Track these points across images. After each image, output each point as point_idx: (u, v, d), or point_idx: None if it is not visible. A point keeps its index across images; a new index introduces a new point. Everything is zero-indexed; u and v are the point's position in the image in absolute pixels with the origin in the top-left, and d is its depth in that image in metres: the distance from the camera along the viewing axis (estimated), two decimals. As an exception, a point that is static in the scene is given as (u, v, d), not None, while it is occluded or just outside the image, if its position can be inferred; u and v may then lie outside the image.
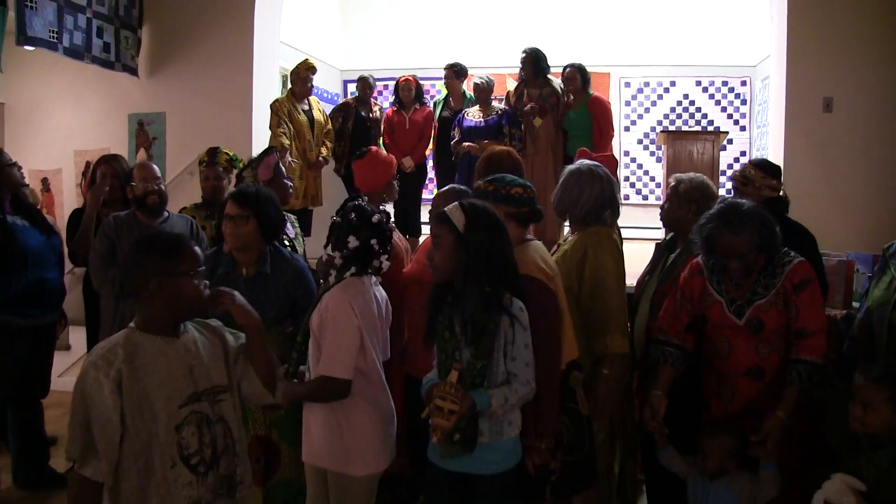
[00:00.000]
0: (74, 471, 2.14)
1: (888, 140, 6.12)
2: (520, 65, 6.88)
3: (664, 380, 2.99)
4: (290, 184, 4.24)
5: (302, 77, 6.74)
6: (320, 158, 6.83)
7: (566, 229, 3.74)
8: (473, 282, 2.52)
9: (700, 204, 3.38)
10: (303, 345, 2.88)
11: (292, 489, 3.31)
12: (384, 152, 4.27)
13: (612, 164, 4.11)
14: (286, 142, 6.42)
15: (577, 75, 6.73)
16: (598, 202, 3.32)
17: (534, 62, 6.80)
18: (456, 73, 7.20)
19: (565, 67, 6.82)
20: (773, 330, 2.80)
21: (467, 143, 6.60)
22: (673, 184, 3.56)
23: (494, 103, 6.87)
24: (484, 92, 6.83)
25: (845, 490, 2.34)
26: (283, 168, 4.26)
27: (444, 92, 7.44)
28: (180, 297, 2.21)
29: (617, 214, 3.47)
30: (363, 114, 7.35)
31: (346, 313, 2.76)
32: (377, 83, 7.89)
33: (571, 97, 6.80)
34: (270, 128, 6.62)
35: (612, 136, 6.84)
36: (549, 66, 6.89)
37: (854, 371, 2.59)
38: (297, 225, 4.29)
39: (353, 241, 2.83)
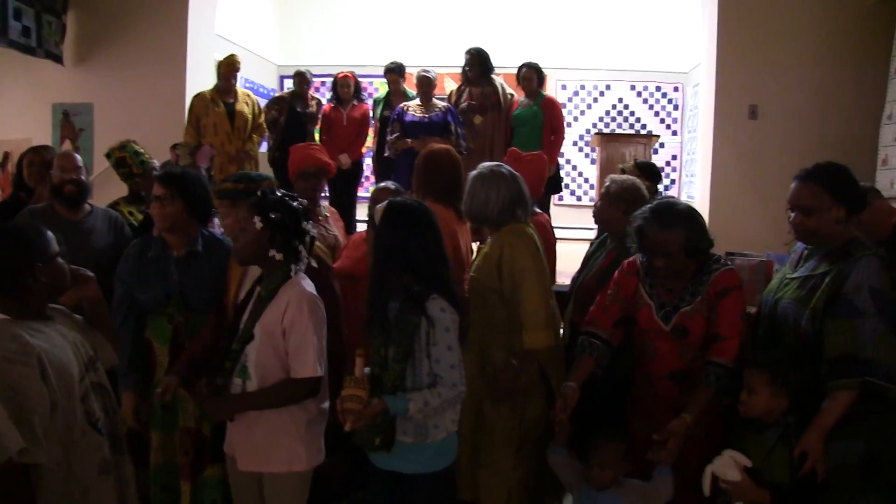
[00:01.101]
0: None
1: (810, 146, 6.30)
2: (464, 63, 6.88)
3: (582, 372, 2.97)
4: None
5: (223, 73, 6.72)
6: (242, 152, 6.69)
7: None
8: (385, 279, 2.55)
9: (630, 204, 3.43)
10: (239, 352, 2.72)
11: (221, 489, 3.24)
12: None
13: (542, 163, 4.14)
14: (189, 140, 6.33)
15: (534, 75, 6.81)
16: (507, 201, 3.34)
17: (480, 62, 6.82)
18: (400, 73, 7.15)
19: (521, 67, 6.87)
20: (697, 336, 2.84)
21: (410, 140, 6.40)
22: (607, 184, 3.63)
23: (435, 100, 6.70)
24: (429, 86, 6.66)
25: (731, 464, 2.54)
26: (203, 164, 4.17)
27: (384, 90, 7.36)
28: (59, 277, 2.32)
29: (529, 209, 3.48)
30: (298, 109, 7.25)
31: (315, 307, 2.70)
32: (315, 79, 7.81)
33: (513, 96, 6.87)
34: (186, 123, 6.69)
35: (564, 137, 7.00)
36: (493, 66, 6.92)
37: None
38: None
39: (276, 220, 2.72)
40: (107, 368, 2.51)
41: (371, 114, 7.32)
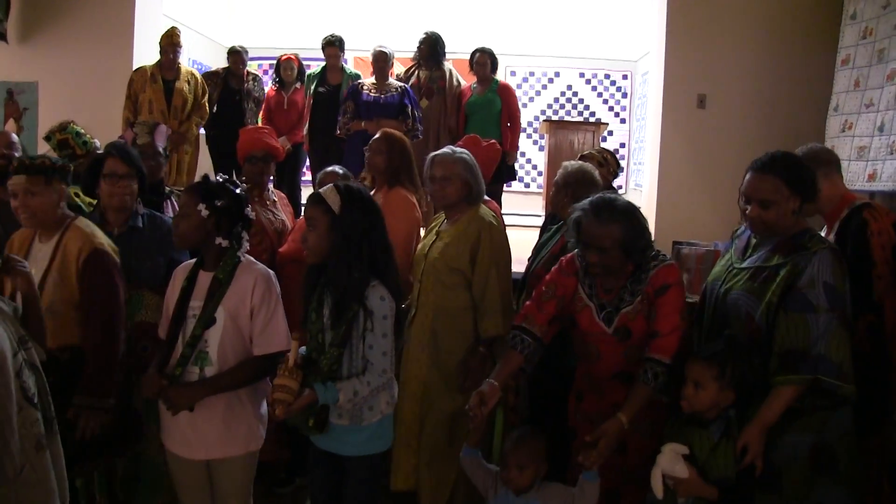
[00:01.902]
0: None
1: (757, 136, 6.42)
2: (417, 46, 6.83)
3: (507, 369, 2.88)
4: (161, 161, 4.13)
5: (163, 47, 6.48)
6: (177, 133, 6.48)
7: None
8: (344, 265, 2.56)
9: (576, 190, 3.48)
10: (199, 338, 2.69)
11: (147, 465, 3.27)
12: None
13: (496, 153, 4.18)
14: (128, 115, 6.27)
15: (488, 60, 6.81)
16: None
17: (432, 45, 6.77)
18: (340, 47, 6.94)
19: (475, 52, 6.87)
20: (640, 337, 2.80)
21: (365, 122, 6.15)
22: (559, 171, 3.67)
23: (391, 79, 6.53)
24: (385, 62, 6.40)
25: (676, 458, 2.50)
26: (160, 144, 4.11)
27: (318, 67, 7.11)
28: None
29: (483, 192, 3.53)
30: (232, 85, 7.04)
31: (275, 287, 2.77)
32: (264, 62, 7.70)
33: (460, 83, 6.86)
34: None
35: (521, 125, 7.08)
36: (444, 52, 6.89)
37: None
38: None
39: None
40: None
41: (305, 91, 7.08)
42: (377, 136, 4.18)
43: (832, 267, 2.57)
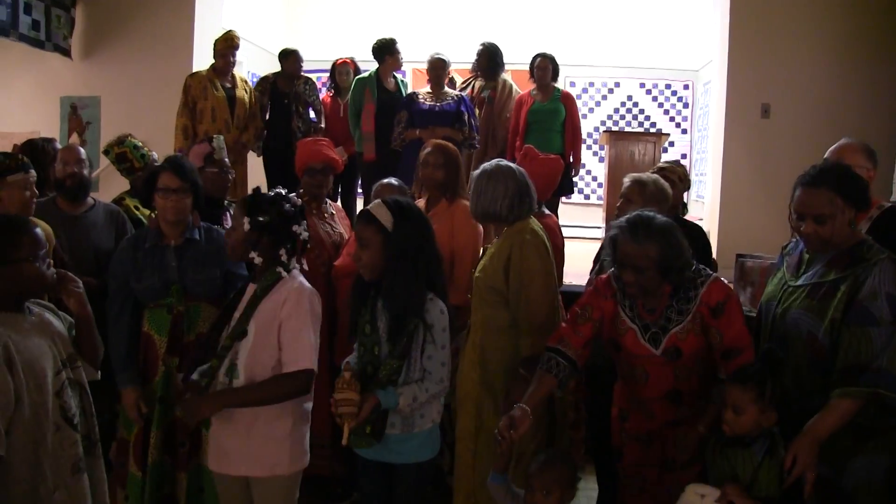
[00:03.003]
0: None
1: (823, 145, 6.06)
2: (476, 57, 6.69)
3: (541, 392, 2.78)
4: (225, 173, 4.09)
5: (219, 51, 6.16)
6: (239, 143, 6.27)
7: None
8: (402, 281, 2.56)
9: (646, 204, 3.38)
10: (229, 349, 2.67)
11: (208, 475, 3.22)
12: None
13: (558, 166, 4.08)
14: (186, 123, 6.06)
15: (549, 65, 6.58)
16: (515, 196, 3.28)
17: (491, 56, 6.63)
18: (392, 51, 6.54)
19: (536, 56, 6.64)
20: (691, 356, 2.69)
21: (420, 130, 5.88)
22: (630, 183, 3.57)
23: (447, 88, 6.29)
24: (442, 69, 6.10)
25: (697, 498, 2.38)
26: (226, 158, 4.10)
27: (367, 73, 6.61)
28: (22, 281, 2.27)
29: (534, 203, 3.41)
30: (282, 89, 6.63)
31: (314, 302, 2.69)
32: (323, 75, 7.56)
33: (513, 90, 6.74)
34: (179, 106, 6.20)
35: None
36: (503, 63, 6.75)
37: None
38: None
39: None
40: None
41: (350, 99, 6.58)
42: (430, 149, 4.07)
43: (894, 277, 2.45)
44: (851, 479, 2.48)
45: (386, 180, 4.09)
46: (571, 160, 6.62)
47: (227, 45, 6.18)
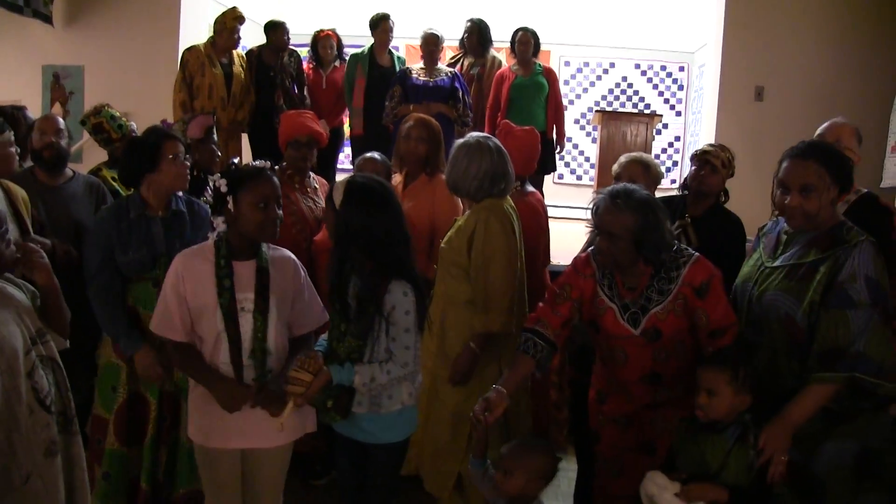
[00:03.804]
0: None
1: (816, 128, 6.13)
2: (464, 34, 6.63)
3: (519, 374, 2.74)
4: (217, 150, 4.04)
5: (228, 28, 5.97)
6: (234, 122, 6.17)
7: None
8: (345, 260, 2.55)
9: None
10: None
11: (184, 449, 3.21)
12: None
13: (535, 139, 3.99)
14: (185, 98, 5.91)
15: (531, 39, 6.48)
16: (487, 175, 3.24)
17: (480, 33, 6.57)
18: (392, 24, 6.50)
19: (517, 31, 6.54)
20: (670, 337, 2.65)
21: (413, 105, 5.82)
22: (631, 163, 3.60)
23: (441, 64, 6.27)
24: (435, 45, 6.10)
25: (663, 485, 2.33)
26: (216, 135, 4.04)
27: (363, 48, 6.60)
28: None
29: (510, 187, 3.38)
30: (266, 62, 6.42)
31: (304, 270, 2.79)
32: (303, 49, 7.37)
33: (501, 64, 6.66)
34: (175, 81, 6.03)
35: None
36: (492, 40, 6.68)
37: None
38: None
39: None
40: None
41: (346, 75, 6.55)
42: (412, 123, 4.02)
43: (874, 260, 2.41)
44: (821, 464, 2.46)
45: (369, 154, 4.05)
46: (555, 136, 6.54)
47: (236, 21, 6.01)
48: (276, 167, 3.23)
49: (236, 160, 2.72)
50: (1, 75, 7.49)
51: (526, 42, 6.46)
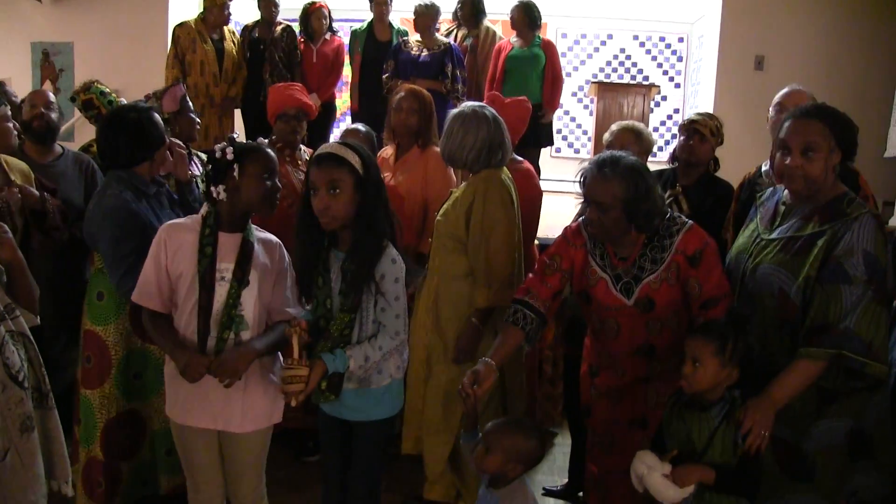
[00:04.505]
0: None
1: (817, 98, 6.04)
2: (457, 5, 6.54)
3: (507, 348, 2.67)
4: (196, 119, 3.95)
5: (218, 4, 5.98)
6: (227, 98, 6.15)
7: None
8: (369, 228, 2.43)
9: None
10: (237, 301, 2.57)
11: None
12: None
13: (525, 108, 3.93)
14: (178, 74, 5.89)
15: (530, 11, 6.33)
16: (484, 145, 3.18)
17: (471, 4, 6.46)
18: None
19: (517, 4, 6.43)
20: (664, 307, 2.59)
21: (402, 81, 5.67)
22: (623, 131, 3.56)
23: (438, 35, 6.21)
24: (424, 17, 6.05)
25: (653, 464, 2.27)
26: (190, 102, 3.96)
27: (364, 23, 6.63)
28: None
29: (507, 156, 3.32)
30: (257, 36, 6.40)
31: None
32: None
33: (495, 35, 6.57)
34: (167, 57, 6.06)
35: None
36: (485, 11, 6.58)
37: None
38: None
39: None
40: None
41: (349, 50, 6.62)
42: (403, 94, 3.97)
43: (874, 234, 2.31)
44: (812, 443, 2.40)
45: (353, 126, 4.05)
46: (546, 105, 6.43)
47: None
48: (266, 140, 3.18)
49: (235, 135, 2.63)
50: (-11, 53, 7.42)
51: (521, 11, 6.35)
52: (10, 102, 4.11)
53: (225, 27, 6.19)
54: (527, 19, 6.33)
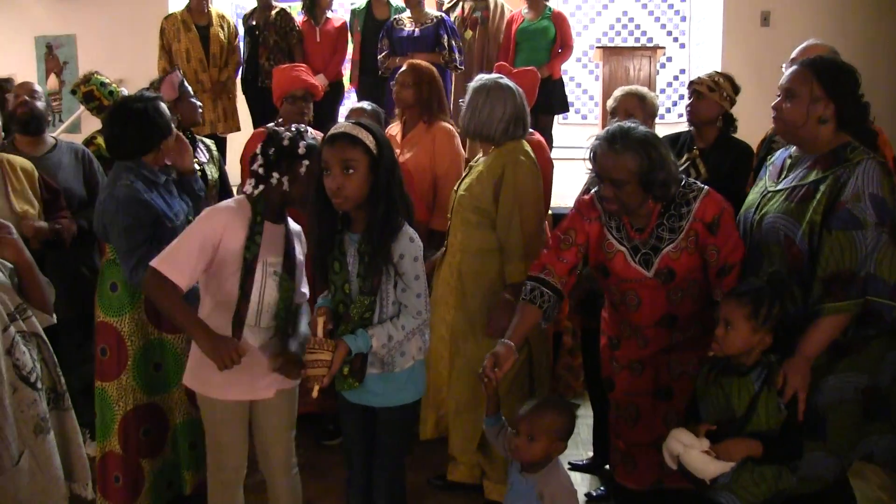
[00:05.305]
0: None
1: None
2: None
3: (525, 327, 2.63)
4: (198, 103, 3.94)
5: None
6: (218, 83, 6.18)
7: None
8: (386, 208, 2.38)
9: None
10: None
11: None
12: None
13: (534, 78, 3.91)
14: (165, 66, 5.93)
15: None
16: (511, 116, 3.16)
17: None
18: None
19: None
20: (683, 276, 2.56)
21: (399, 58, 5.65)
22: (627, 96, 3.52)
23: (428, 9, 6.12)
24: None
25: (691, 442, 2.22)
26: (189, 87, 3.95)
27: (363, 2, 6.56)
28: None
29: (528, 127, 3.30)
30: (251, 22, 6.40)
31: None
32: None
33: (504, 7, 6.52)
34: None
35: (571, 52, 6.65)
36: None
37: None
38: (213, 150, 4.01)
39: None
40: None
41: (349, 28, 6.55)
42: (402, 68, 3.97)
43: (879, 177, 2.30)
44: (823, 398, 2.38)
45: (358, 104, 4.04)
46: (549, 71, 6.36)
47: None
48: (272, 124, 3.18)
49: (304, 129, 2.61)
50: (-6, 48, 7.44)
51: None
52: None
53: (214, 13, 6.24)
54: None
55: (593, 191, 2.71)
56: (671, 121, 7.96)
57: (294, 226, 2.69)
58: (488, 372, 2.43)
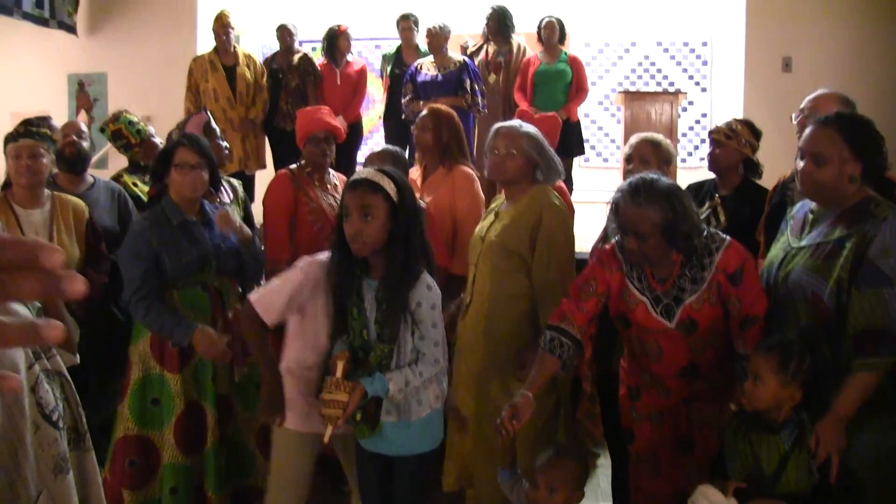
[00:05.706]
0: None
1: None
2: (485, 21, 6.60)
3: (543, 377, 2.61)
4: (225, 145, 4.01)
5: (214, 31, 6.27)
6: (247, 120, 6.31)
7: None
8: (405, 256, 2.41)
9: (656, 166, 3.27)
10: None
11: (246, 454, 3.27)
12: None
13: (555, 124, 3.95)
14: (189, 106, 6.08)
15: (556, 26, 6.59)
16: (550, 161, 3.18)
17: (500, 19, 6.52)
18: (414, 22, 6.65)
19: (543, 19, 6.65)
20: (706, 327, 2.54)
21: (423, 102, 5.76)
22: (642, 143, 3.48)
23: (451, 54, 6.26)
24: (437, 38, 6.14)
25: (716, 501, 2.18)
26: (217, 128, 4.02)
27: (393, 47, 6.82)
28: None
29: (561, 172, 3.32)
30: (274, 65, 6.65)
31: None
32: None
33: (526, 52, 6.62)
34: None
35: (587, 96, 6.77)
36: (513, 25, 6.65)
37: None
38: (239, 190, 4.07)
39: None
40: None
41: (380, 71, 6.78)
42: (423, 112, 4.02)
43: None
44: (856, 457, 2.31)
45: (380, 148, 4.03)
46: (565, 111, 6.45)
47: (219, 25, 6.26)
48: (295, 165, 3.23)
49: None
50: (28, 85, 7.62)
51: (551, 28, 6.54)
52: (55, 139, 4.19)
53: (241, 53, 6.39)
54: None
55: (614, 240, 2.69)
56: (693, 165, 7.97)
57: None
58: (506, 423, 2.39)
